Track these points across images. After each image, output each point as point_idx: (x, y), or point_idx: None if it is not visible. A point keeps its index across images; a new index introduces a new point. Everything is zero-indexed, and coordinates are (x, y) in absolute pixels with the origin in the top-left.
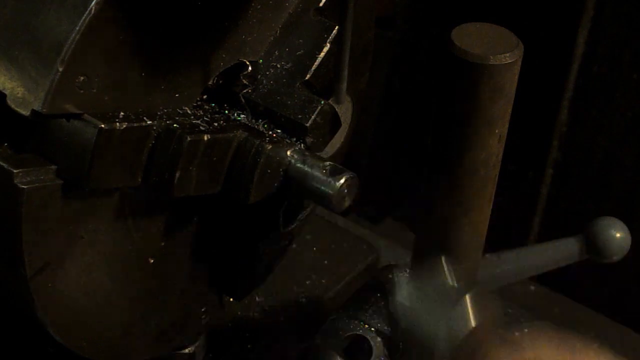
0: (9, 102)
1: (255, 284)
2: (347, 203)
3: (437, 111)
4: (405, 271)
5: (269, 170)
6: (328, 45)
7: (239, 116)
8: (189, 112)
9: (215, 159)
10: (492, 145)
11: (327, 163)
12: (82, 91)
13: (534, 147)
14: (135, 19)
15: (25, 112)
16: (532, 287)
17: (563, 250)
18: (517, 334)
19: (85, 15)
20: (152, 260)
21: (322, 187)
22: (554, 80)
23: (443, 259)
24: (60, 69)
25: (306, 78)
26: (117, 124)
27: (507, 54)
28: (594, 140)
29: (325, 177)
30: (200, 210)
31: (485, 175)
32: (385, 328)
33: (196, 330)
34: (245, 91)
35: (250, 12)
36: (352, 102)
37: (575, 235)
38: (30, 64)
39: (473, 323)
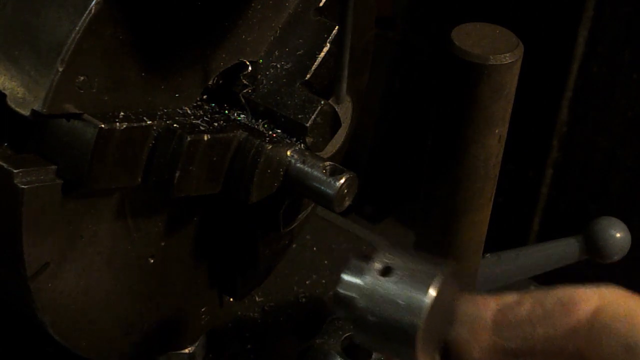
0: (9, 102)
1: (255, 284)
2: (347, 203)
3: (437, 111)
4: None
5: (269, 170)
6: (328, 45)
7: (239, 116)
8: (189, 112)
9: (215, 159)
10: (492, 145)
11: (327, 163)
12: (82, 91)
13: (534, 147)
14: (135, 19)
15: (25, 112)
16: (532, 287)
17: (563, 250)
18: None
19: (85, 15)
20: (152, 260)
21: (322, 187)
22: (554, 80)
23: None
24: (60, 69)
25: (306, 78)
26: (117, 124)
27: (507, 54)
28: (594, 140)
29: (325, 177)
30: (200, 210)
31: (485, 175)
32: None
33: (196, 330)
34: (245, 91)
35: (250, 12)
36: (352, 102)
37: (575, 235)
38: (30, 64)
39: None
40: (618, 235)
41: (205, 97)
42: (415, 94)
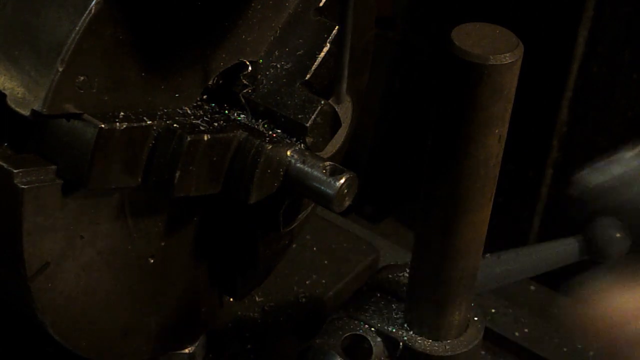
0: (9, 102)
1: (255, 284)
2: (347, 203)
3: (437, 111)
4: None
5: (269, 170)
6: (328, 45)
7: (239, 116)
8: (189, 112)
9: (215, 159)
10: (492, 145)
11: (327, 163)
12: (82, 91)
13: (534, 147)
14: (135, 19)
15: (25, 112)
16: (532, 287)
17: (563, 250)
18: None
19: (85, 15)
20: (152, 260)
21: (322, 187)
22: (554, 80)
23: None
24: (60, 69)
25: (306, 78)
26: (117, 124)
27: (507, 54)
28: (594, 140)
29: (325, 177)
30: (200, 210)
31: (485, 175)
32: (385, 328)
33: (196, 330)
34: (245, 91)
35: (250, 12)
36: (352, 102)
37: (575, 235)
38: (30, 64)
39: None
40: (618, 235)
41: (205, 97)
42: (415, 94)
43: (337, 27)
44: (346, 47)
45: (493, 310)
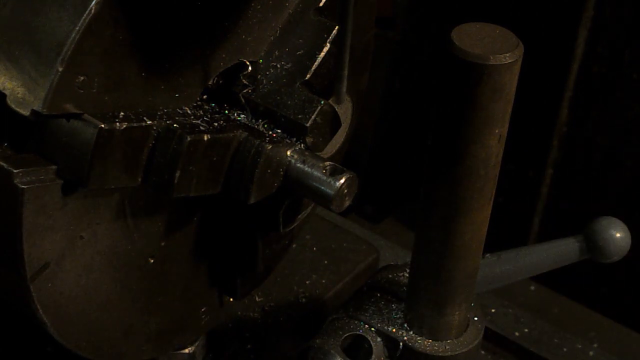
0: (9, 102)
1: (255, 284)
2: (347, 203)
3: (437, 111)
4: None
5: (269, 170)
6: (328, 45)
7: (239, 116)
8: (189, 112)
9: (215, 159)
10: (492, 145)
11: (327, 163)
12: (82, 91)
13: (534, 147)
14: (135, 19)
15: (25, 112)
16: (532, 287)
17: (563, 250)
18: None
19: (85, 15)
20: (152, 260)
21: (322, 187)
22: (554, 80)
23: None
24: (60, 69)
25: (306, 78)
26: (117, 124)
27: (507, 54)
28: (594, 140)
29: (325, 177)
30: (200, 210)
31: (485, 175)
32: (385, 328)
33: (196, 330)
34: (245, 91)
35: (250, 12)
36: (352, 102)
37: (575, 235)
38: (30, 64)
39: None
40: (618, 235)
41: (205, 97)
42: (415, 94)
43: (337, 27)
44: (346, 47)
45: (493, 310)
